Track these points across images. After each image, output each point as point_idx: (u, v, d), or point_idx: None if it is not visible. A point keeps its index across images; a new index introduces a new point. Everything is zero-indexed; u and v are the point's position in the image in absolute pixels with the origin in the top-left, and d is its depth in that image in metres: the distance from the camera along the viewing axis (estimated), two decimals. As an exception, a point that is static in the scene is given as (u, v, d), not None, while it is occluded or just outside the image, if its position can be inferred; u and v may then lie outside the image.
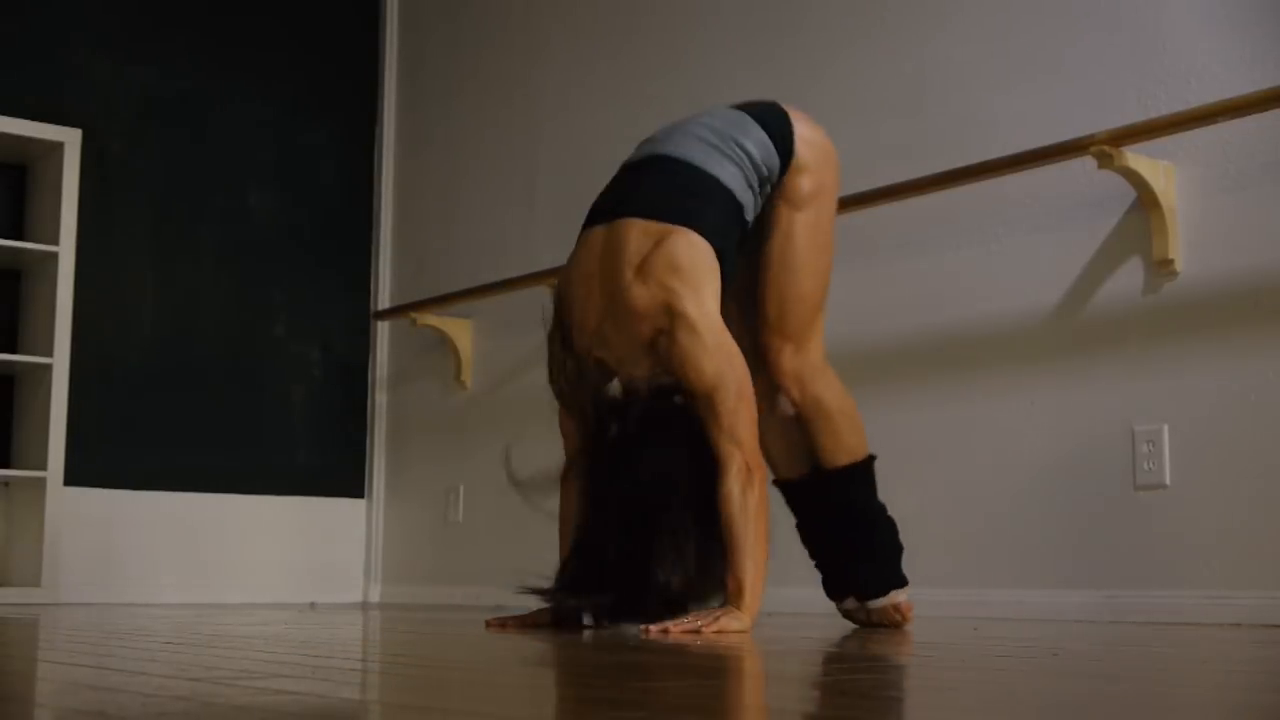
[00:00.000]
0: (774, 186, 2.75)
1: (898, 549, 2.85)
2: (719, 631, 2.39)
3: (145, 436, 4.88)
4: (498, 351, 4.88)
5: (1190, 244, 3.13)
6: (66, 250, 4.55)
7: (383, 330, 5.41)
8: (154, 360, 4.94)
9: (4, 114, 4.56)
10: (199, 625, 2.89)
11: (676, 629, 2.41)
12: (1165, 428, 3.13)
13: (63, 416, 4.49)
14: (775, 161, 2.72)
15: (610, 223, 2.64)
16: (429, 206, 5.33)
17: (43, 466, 4.46)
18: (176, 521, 4.89)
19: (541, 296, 4.50)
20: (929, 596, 3.12)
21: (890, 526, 2.86)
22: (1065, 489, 3.30)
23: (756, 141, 2.71)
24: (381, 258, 5.44)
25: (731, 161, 2.67)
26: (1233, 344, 3.05)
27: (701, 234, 2.58)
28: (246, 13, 5.30)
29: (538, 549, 2.79)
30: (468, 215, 5.14)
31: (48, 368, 4.50)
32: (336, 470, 5.30)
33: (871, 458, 2.83)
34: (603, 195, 2.76)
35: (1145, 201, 3.16)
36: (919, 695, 1.41)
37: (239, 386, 5.12)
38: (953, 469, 3.51)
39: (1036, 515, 3.34)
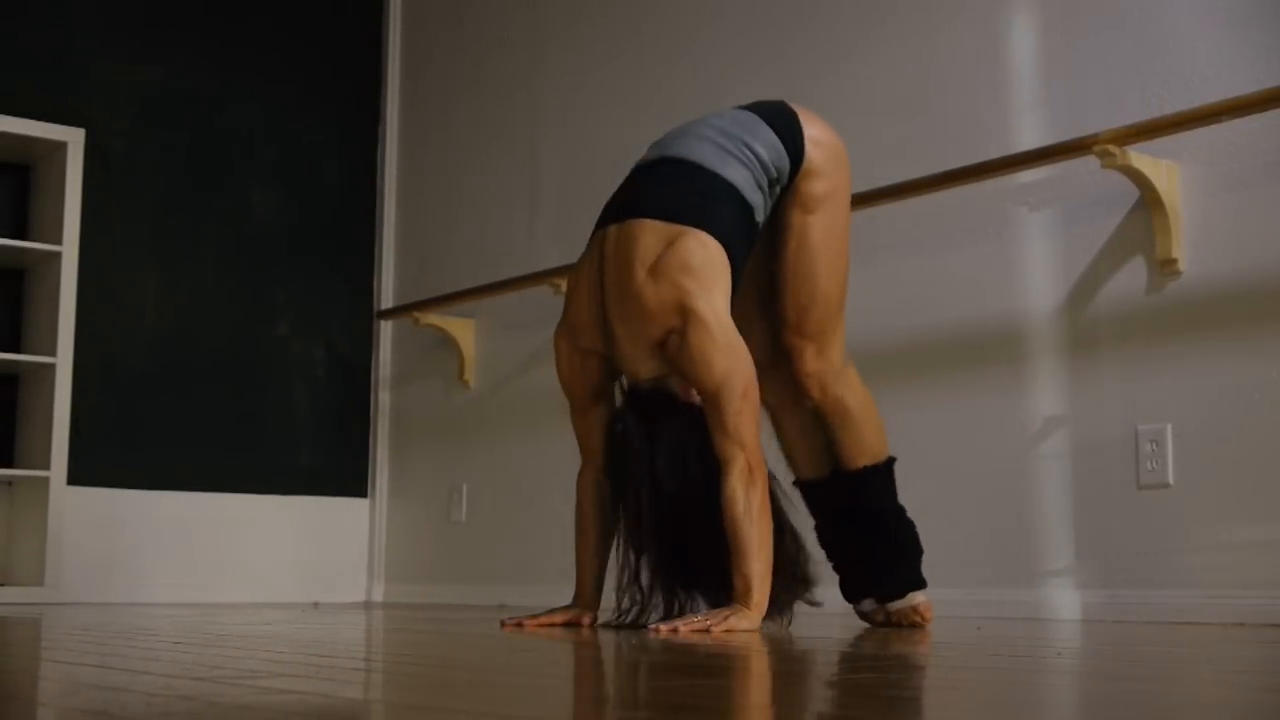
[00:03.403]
0: (784, 189, 2.75)
1: (918, 551, 2.86)
2: (728, 630, 2.40)
3: (148, 436, 4.88)
4: (500, 351, 4.88)
5: (1193, 243, 3.13)
6: (69, 250, 4.55)
7: (385, 330, 5.41)
8: (157, 360, 4.94)
9: (7, 113, 4.56)
10: (202, 625, 2.89)
11: (686, 628, 2.42)
12: (1169, 427, 3.13)
13: (66, 416, 4.50)
14: (785, 164, 2.72)
15: (622, 223, 2.65)
16: (432, 206, 5.33)
17: (46, 466, 4.46)
18: (179, 521, 4.89)
19: (544, 296, 4.52)
20: (931, 596, 3.12)
21: (910, 529, 2.87)
22: (1068, 488, 3.29)
23: (766, 143, 2.70)
24: (384, 257, 5.44)
25: (740, 163, 2.67)
26: (1236, 343, 3.05)
27: (712, 235, 2.59)
28: (249, 13, 5.30)
29: (540, 548, 2.79)
30: (470, 214, 5.14)
31: (51, 367, 4.50)
32: (339, 470, 5.30)
33: (892, 459, 2.84)
34: (614, 196, 2.76)
35: (1149, 201, 3.16)
36: (922, 695, 1.40)
37: (241, 386, 5.12)
38: (955, 468, 3.51)
39: (1039, 514, 3.34)
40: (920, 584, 2.84)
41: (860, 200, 3.58)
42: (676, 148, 2.73)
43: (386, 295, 5.41)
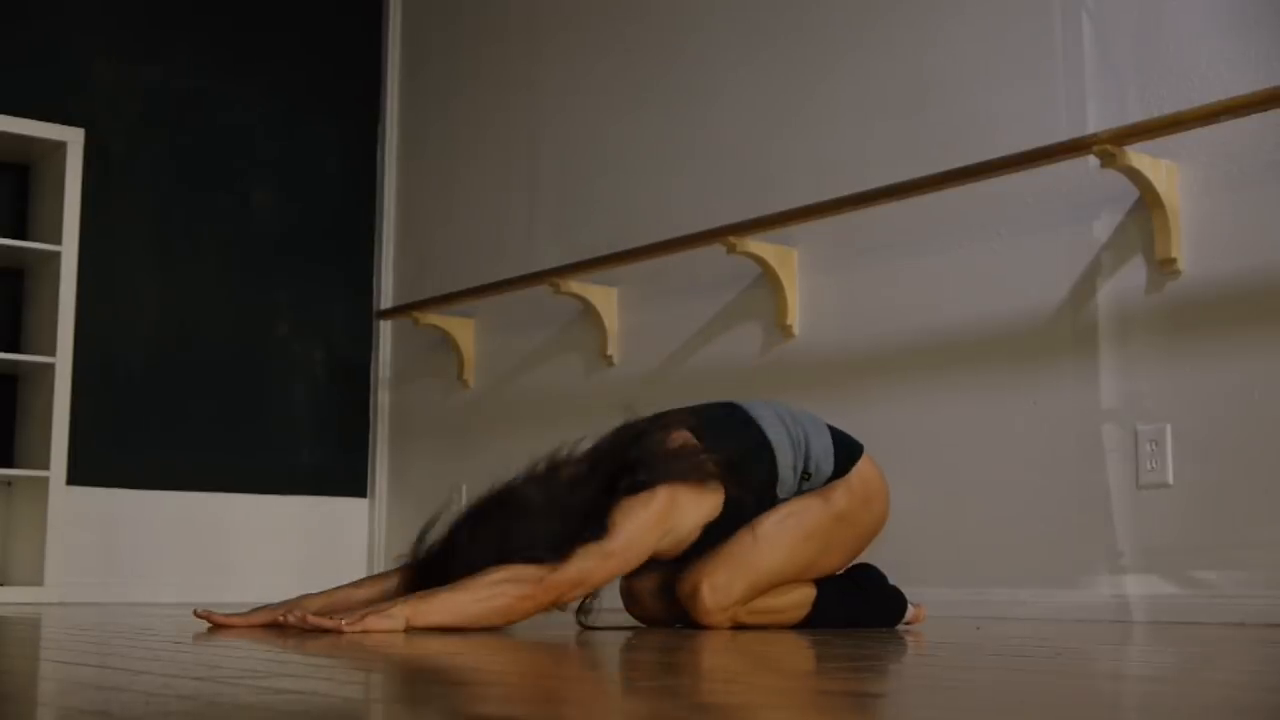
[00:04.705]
0: (813, 487, 2.78)
1: (888, 593, 2.87)
2: (364, 630, 2.34)
3: (147, 436, 4.89)
4: (500, 351, 4.88)
5: (1193, 243, 3.13)
6: (69, 250, 4.55)
7: (385, 329, 5.41)
8: (156, 360, 4.95)
9: (7, 113, 4.57)
10: (202, 624, 2.89)
11: (339, 624, 2.35)
12: (1168, 427, 3.13)
13: (65, 416, 4.50)
14: (828, 468, 2.76)
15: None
16: (431, 206, 5.33)
17: (45, 466, 4.46)
18: (179, 521, 4.89)
19: (544, 296, 4.52)
20: (931, 596, 3.12)
21: (875, 594, 2.86)
22: (1068, 488, 3.29)
23: (821, 444, 2.76)
24: (384, 257, 5.45)
25: (789, 440, 2.73)
26: (1235, 343, 3.05)
27: (727, 473, 2.63)
28: (249, 13, 5.30)
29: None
30: (470, 214, 5.14)
31: (50, 367, 4.50)
32: (339, 469, 5.30)
33: (818, 595, 2.79)
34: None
35: (1148, 201, 3.16)
36: (921, 695, 1.41)
37: (241, 386, 5.12)
38: (955, 468, 3.51)
39: (1039, 514, 3.34)
40: (904, 607, 2.86)
41: (860, 200, 3.59)
42: (741, 401, 2.83)
43: (386, 295, 5.41)
